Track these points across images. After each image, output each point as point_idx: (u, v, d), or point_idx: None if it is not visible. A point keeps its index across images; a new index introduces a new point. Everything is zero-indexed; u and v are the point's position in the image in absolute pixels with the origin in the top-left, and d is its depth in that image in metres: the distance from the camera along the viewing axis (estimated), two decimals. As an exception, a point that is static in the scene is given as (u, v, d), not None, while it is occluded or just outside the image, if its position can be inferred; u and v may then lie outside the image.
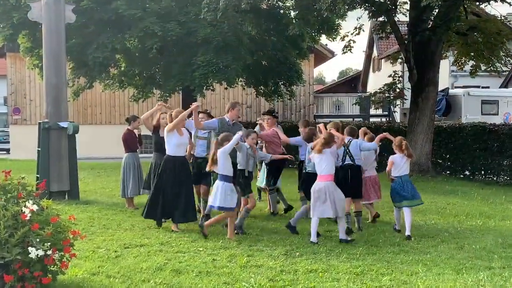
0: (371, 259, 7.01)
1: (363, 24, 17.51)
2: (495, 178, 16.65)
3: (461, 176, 17.53)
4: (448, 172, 18.06)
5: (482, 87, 27.33)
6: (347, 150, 8.94)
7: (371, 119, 25.36)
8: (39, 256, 5.10)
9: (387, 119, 28.30)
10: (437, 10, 16.90)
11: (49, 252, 5.16)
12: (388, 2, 16.48)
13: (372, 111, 28.73)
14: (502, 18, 19.03)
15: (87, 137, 25.00)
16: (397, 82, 19.51)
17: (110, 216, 10.06)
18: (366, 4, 15.91)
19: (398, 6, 17.44)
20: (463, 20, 17.62)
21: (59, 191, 11.77)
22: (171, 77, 18.38)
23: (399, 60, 21.73)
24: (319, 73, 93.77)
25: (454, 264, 6.82)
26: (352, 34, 17.57)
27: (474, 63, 19.85)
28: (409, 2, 17.48)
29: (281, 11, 19.95)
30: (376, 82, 32.76)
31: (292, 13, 18.93)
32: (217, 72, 17.32)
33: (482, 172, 17.13)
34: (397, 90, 19.75)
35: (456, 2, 15.95)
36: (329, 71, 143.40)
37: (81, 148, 13.55)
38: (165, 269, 6.37)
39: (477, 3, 18.01)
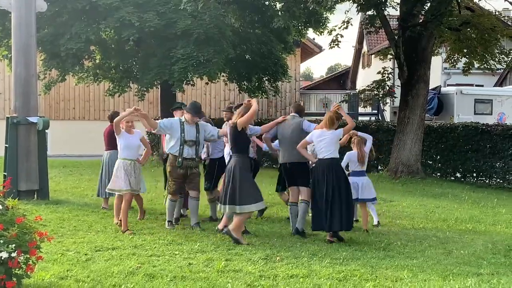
0: (355, 264, 7.07)
1: (351, 18, 17.61)
2: (487, 181, 16.86)
3: (452, 178, 17.72)
4: (438, 174, 18.24)
5: (476, 86, 27.60)
6: None
7: (360, 118, 25.50)
8: (3, 258, 5.07)
9: (376, 117, 28.45)
10: (428, 4, 17.05)
11: (13, 255, 5.13)
12: (378, -5, 16.58)
13: (361, 110, 28.88)
14: (497, 13, 19.28)
15: (59, 133, 24.97)
16: (386, 79, 19.64)
17: (81, 217, 10.02)
18: (355, -3, 16.02)
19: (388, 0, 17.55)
20: (455, 14, 17.81)
21: (28, 190, 11.69)
22: (149, 71, 18.32)
23: (389, 56, 21.86)
24: (307, 68, 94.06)
25: (441, 270, 6.89)
26: (339, 28, 17.65)
27: (467, 60, 20.04)
28: (399, -5, 17.62)
29: (266, 2, 20.01)
30: (365, 78, 32.95)
31: (278, 5, 18.94)
32: (197, 66, 17.30)
33: (474, 175, 17.35)
34: (387, 87, 19.89)
35: (449, -5, 16.11)
36: (317, 67, 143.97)
37: (52, 144, 13.51)
38: (138, 273, 6.35)
39: (471, -3, 18.22)
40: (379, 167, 19.25)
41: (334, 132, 8.46)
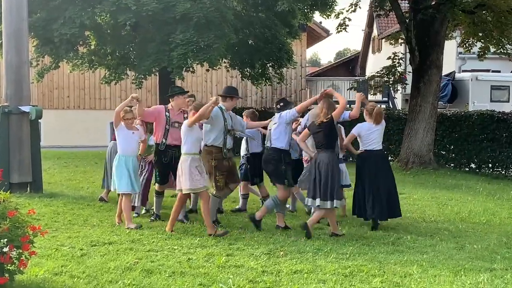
0: (362, 259, 7.13)
1: (359, 0, 17.57)
2: (503, 172, 16.84)
3: (466, 169, 17.73)
4: (451, 164, 18.26)
5: (492, 71, 27.48)
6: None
7: (369, 106, 25.42)
8: (-6, 253, 5.15)
9: (387, 105, 28.44)
10: (441, -15, 17.00)
11: (5, 249, 5.20)
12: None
13: (371, 97, 28.85)
14: (514, -6, 19.12)
15: (53, 123, 25.09)
16: (397, 64, 19.62)
17: (76, 210, 10.12)
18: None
19: (399, -20, 17.54)
20: (470, -5, 17.72)
21: (21, 182, 11.77)
22: (147, 57, 18.30)
23: (400, 41, 21.82)
24: (314, 54, 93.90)
25: (453, 265, 6.95)
26: (347, 11, 17.64)
27: (483, 45, 19.98)
28: (411, -24, 17.58)
29: (270, -17, 19.94)
30: (376, 64, 32.87)
31: (283, -14, 18.88)
32: (197, 52, 17.28)
33: (489, 165, 17.33)
34: (397, 73, 19.87)
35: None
36: (325, 52, 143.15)
37: (45, 135, 13.57)
38: (135, 269, 6.43)
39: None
40: (389, 158, 19.25)
41: (383, 124, 9.35)
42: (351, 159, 13.42)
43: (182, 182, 8.36)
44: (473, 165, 17.77)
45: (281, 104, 9.17)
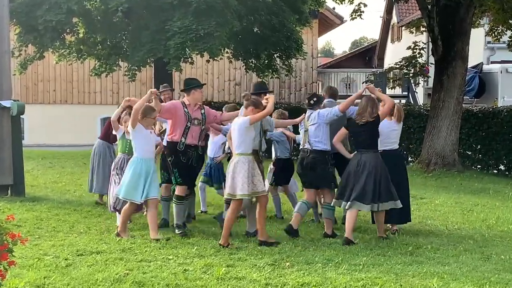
0: (377, 270, 7.12)
1: (376, -16, 17.54)
2: (535, 175, 16.83)
3: (494, 171, 17.72)
4: (478, 166, 18.25)
5: (525, 63, 27.42)
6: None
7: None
8: (-31, 263, 5.16)
9: (407, 100, 28.42)
10: (467, -33, 16.97)
11: (-19, 259, 5.21)
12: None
13: (389, 91, 28.83)
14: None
15: (37, 120, 25.17)
16: (418, 55, 19.60)
17: (61, 216, 10.12)
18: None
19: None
20: (499, -21, 17.70)
21: (0, 185, 11.81)
22: (141, 47, 18.38)
23: (422, 29, 21.80)
24: (326, 43, 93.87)
25: (477, 277, 6.92)
26: (363, -5, 17.65)
27: (513, 33, 19.97)
28: (433, -43, 17.54)
29: (278, -35, 19.97)
30: (395, 54, 32.80)
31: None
32: (197, 41, 17.33)
33: (520, 167, 17.32)
34: (418, 65, 19.85)
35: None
36: (339, 41, 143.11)
37: (29, 133, 13.60)
38: (126, 281, 6.44)
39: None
40: (409, 159, 19.25)
41: (401, 124, 9.55)
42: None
43: (238, 186, 8.26)
44: (502, 167, 17.76)
45: (314, 99, 9.29)
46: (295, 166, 9.98)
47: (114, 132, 9.49)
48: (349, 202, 8.62)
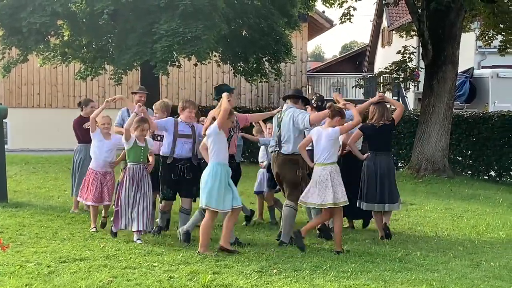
0: (365, 277, 7.13)
1: (366, -13, 17.63)
2: (526, 181, 16.90)
3: (485, 177, 17.78)
4: (468, 172, 18.31)
5: (516, 68, 27.55)
6: None
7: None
8: (-51, 270, 5.14)
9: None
10: (457, -29, 17.05)
11: (-39, 266, 5.20)
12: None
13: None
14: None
15: (20, 124, 25.02)
16: (408, 59, 19.67)
17: (44, 222, 10.09)
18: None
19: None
20: (489, -17, 17.80)
21: (-18, 191, 11.76)
22: (127, 50, 18.32)
23: (413, 33, 21.88)
24: (316, 47, 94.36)
25: (466, 285, 6.96)
26: (352, -1, 17.72)
27: (504, 38, 20.05)
28: (423, -39, 17.61)
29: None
30: (385, 59, 32.92)
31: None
32: (184, 44, 17.30)
33: (511, 173, 17.37)
34: (408, 69, 19.91)
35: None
36: (329, 45, 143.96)
37: (12, 137, 13.54)
38: (109, 288, 6.44)
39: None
40: (399, 164, 19.30)
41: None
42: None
43: (339, 194, 8.40)
44: (492, 173, 17.83)
45: (319, 103, 9.78)
46: None
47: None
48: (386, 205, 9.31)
